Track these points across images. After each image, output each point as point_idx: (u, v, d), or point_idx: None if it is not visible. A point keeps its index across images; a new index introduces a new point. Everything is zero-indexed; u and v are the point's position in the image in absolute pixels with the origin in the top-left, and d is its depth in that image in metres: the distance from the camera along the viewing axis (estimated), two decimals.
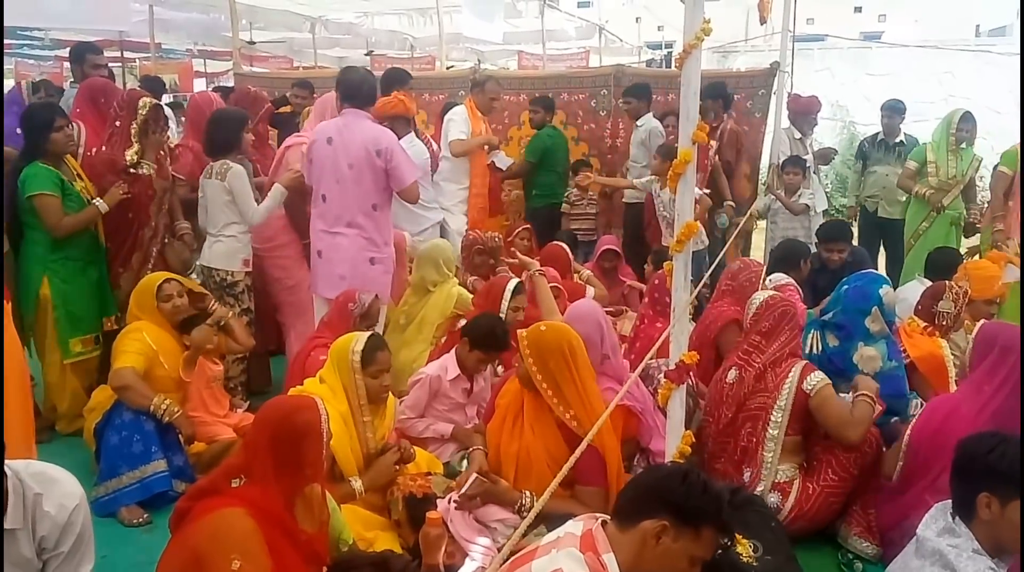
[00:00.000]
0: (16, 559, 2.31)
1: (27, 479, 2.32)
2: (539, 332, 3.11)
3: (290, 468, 2.39)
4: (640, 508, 1.90)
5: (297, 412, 2.47)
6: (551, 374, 3.02)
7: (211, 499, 2.34)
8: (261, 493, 2.33)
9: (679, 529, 1.86)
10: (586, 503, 2.89)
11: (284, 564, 2.30)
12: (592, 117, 7.07)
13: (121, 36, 11.39)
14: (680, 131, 2.56)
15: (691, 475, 1.90)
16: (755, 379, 3.35)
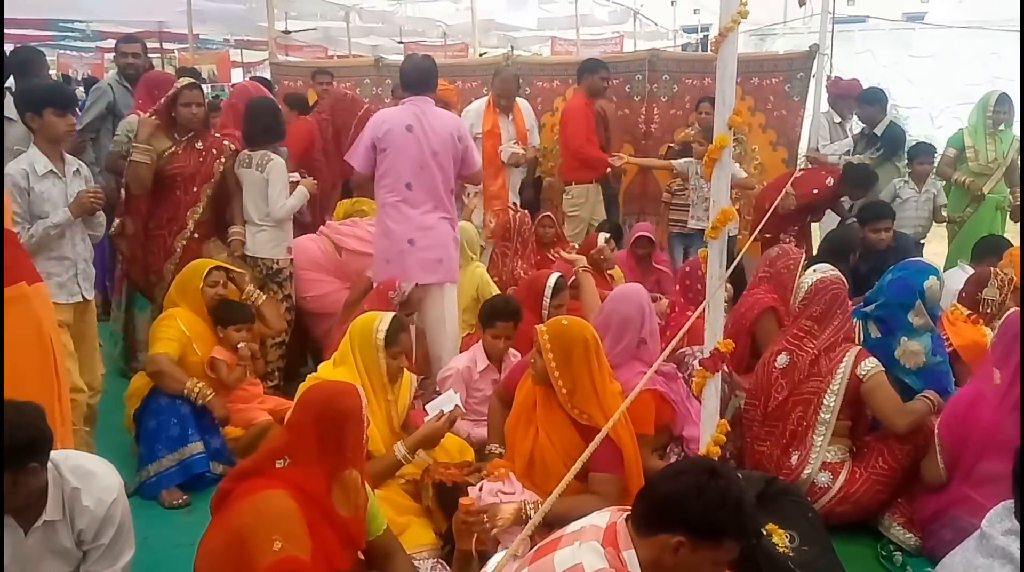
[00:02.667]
0: (57, 549, 2.36)
1: (66, 472, 2.36)
2: (561, 325, 3.04)
3: (332, 451, 2.42)
4: (656, 521, 1.85)
5: (340, 397, 2.50)
6: (570, 369, 2.93)
7: (254, 480, 2.37)
8: (303, 475, 2.36)
9: (697, 543, 1.81)
10: (599, 491, 2.85)
11: (323, 546, 2.32)
12: (626, 102, 6.98)
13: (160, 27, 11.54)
14: (716, 116, 2.52)
15: (706, 489, 1.81)
16: (809, 364, 3.34)
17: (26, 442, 2.19)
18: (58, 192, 3.51)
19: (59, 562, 2.38)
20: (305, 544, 2.25)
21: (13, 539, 2.31)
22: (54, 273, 3.48)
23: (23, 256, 2.93)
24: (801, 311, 3.48)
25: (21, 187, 3.42)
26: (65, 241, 3.55)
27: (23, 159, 3.48)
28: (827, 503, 3.22)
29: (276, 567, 2.16)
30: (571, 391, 2.94)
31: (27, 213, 3.42)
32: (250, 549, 2.21)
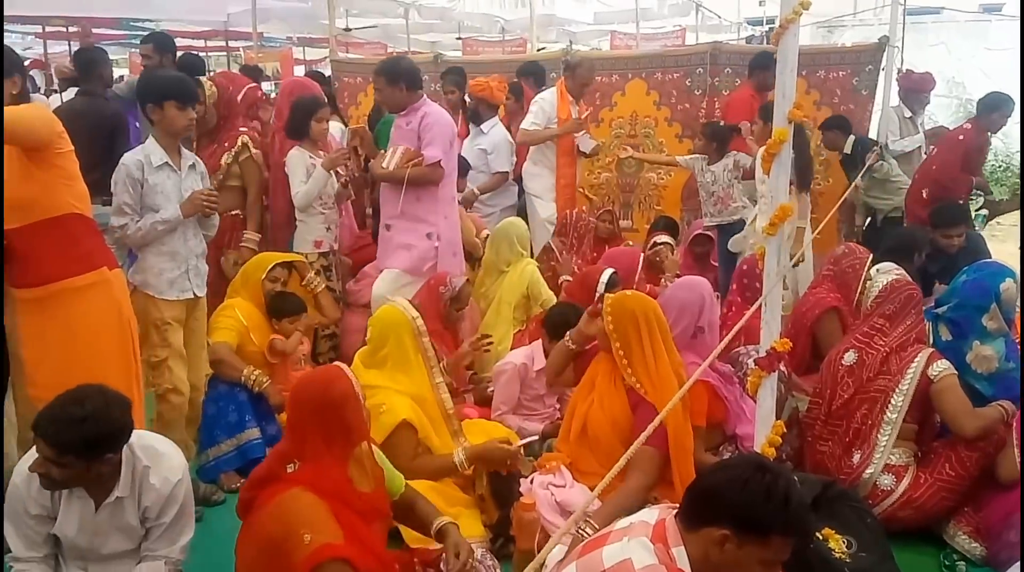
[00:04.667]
0: (122, 525, 2.45)
1: (138, 451, 2.46)
2: (623, 296, 3.18)
3: (339, 437, 2.43)
4: (701, 514, 1.82)
5: (331, 385, 2.48)
6: (626, 338, 3.05)
7: (271, 486, 2.39)
8: (316, 472, 2.37)
9: (742, 538, 1.77)
10: (642, 466, 2.86)
11: (352, 531, 2.34)
12: (686, 97, 6.89)
13: (225, 26, 11.79)
14: (775, 110, 2.46)
15: (752, 481, 1.77)
16: (879, 362, 3.28)
17: (107, 436, 2.28)
18: (172, 185, 3.39)
19: (123, 538, 2.47)
20: (333, 529, 2.27)
21: (84, 511, 2.41)
22: (165, 269, 3.40)
23: (101, 242, 3.02)
24: (873, 309, 3.43)
25: (134, 178, 3.30)
26: (176, 237, 3.42)
27: (139, 150, 3.39)
28: (889, 507, 3.13)
29: (312, 558, 2.19)
30: (627, 356, 3.05)
31: (137, 204, 3.32)
32: (285, 552, 2.25)
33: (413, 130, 4.38)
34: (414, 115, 4.40)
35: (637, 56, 7.64)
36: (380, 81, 4.40)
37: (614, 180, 7.12)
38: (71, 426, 2.21)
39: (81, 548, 2.45)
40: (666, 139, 6.94)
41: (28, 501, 2.39)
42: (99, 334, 2.88)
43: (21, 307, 2.85)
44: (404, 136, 4.42)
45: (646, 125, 7.05)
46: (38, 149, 2.68)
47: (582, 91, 5.96)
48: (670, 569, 1.77)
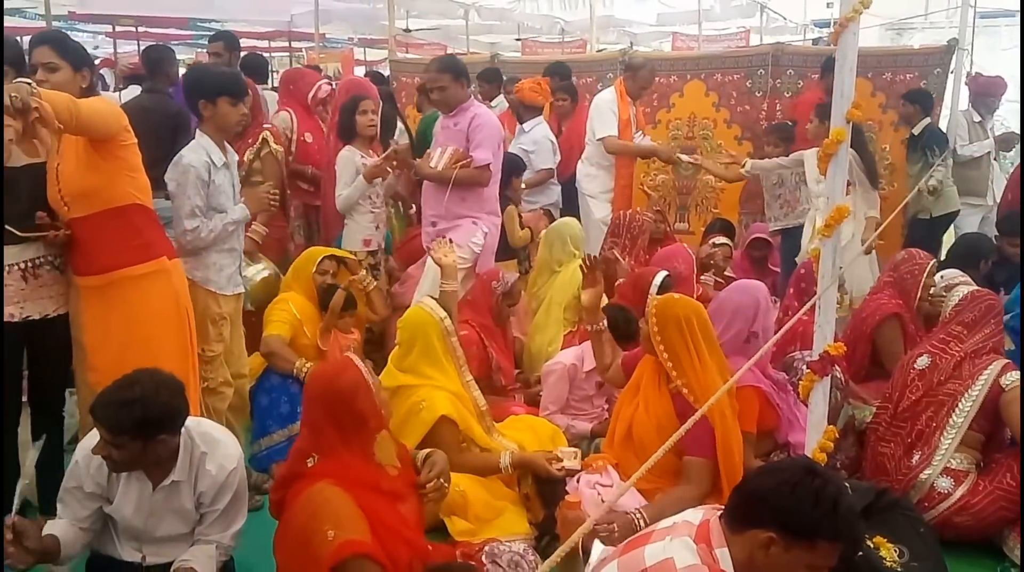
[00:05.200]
0: (178, 508, 2.51)
1: (196, 437, 2.53)
2: (670, 299, 3.15)
3: (354, 428, 2.44)
4: (748, 516, 1.79)
5: (339, 376, 2.50)
6: (671, 342, 3.02)
7: (297, 484, 2.42)
8: (337, 463, 2.40)
9: (789, 541, 1.74)
10: (693, 476, 2.85)
11: (379, 516, 2.36)
12: (747, 98, 6.79)
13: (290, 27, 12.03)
14: (833, 109, 2.41)
15: (801, 485, 1.74)
16: (952, 367, 3.23)
17: (161, 416, 2.34)
18: (228, 183, 3.41)
19: (178, 521, 2.53)
20: (356, 524, 2.29)
21: (141, 493, 2.48)
22: (224, 265, 3.43)
23: (162, 232, 3.09)
24: (952, 317, 3.40)
25: (204, 179, 3.27)
26: (234, 233, 3.46)
27: (198, 150, 3.30)
28: (945, 511, 3.06)
29: (335, 556, 2.22)
30: (672, 359, 3.02)
31: (206, 205, 3.30)
32: (312, 548, 2.28)
33: (462, 131, 4.34)
34: (463, 116, 4.35)
35: (696, 56, 7.56)
36: (445, 78, 4.31)
37: (670, 182, 7.05)
38: (122, 408, 2.28)
39: (136, 529, 2.52)
40: (725, 141, 6.83)
41: (86, 480, 2.47)
42: (157, 322, 2.95)
43: (83, 294, 2.94)
44: (452, 137, 4.38)
45: (704, 127, 6.97)
46: (104, 141, 2.76)
47: (641, 93, 5.93)
48: (712, 570, 1.75)
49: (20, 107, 2.24)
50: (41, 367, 3.07)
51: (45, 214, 2.83)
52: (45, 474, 3.15)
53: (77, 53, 2.95)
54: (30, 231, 2.81)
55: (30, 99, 2.27)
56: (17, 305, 2.86)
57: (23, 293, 2.87)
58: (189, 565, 2.47)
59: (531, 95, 5.98)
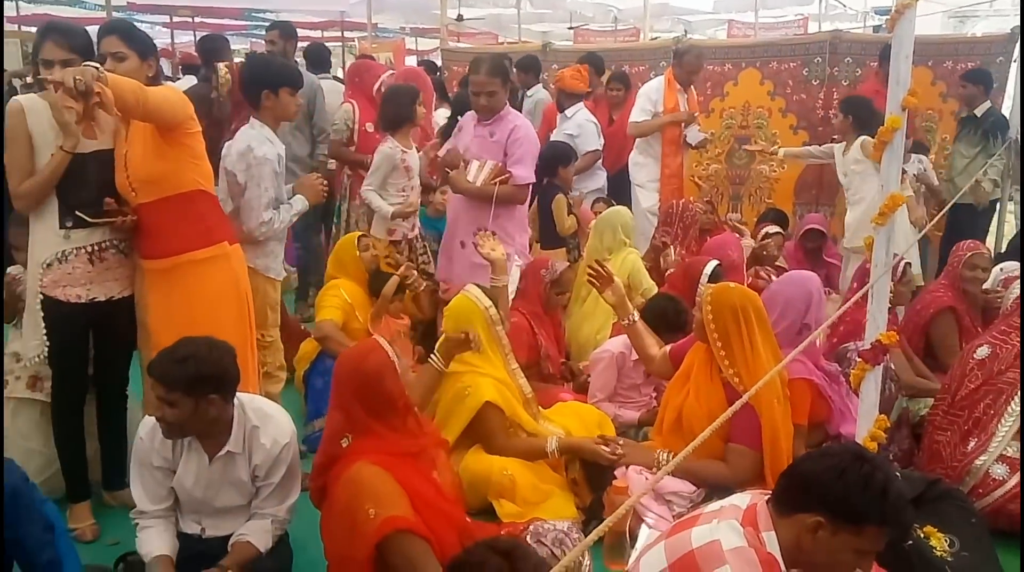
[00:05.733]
0: (234, 479, 2.61)
1: (249, 412, 2.63)
2: (724, 288, 3.12)
3: (382, 408, 2.50)
4: (796, 500, 1.80)
5: (366, 358, 2.56)
6: (725, 331, 2.99)
7: (334, 468, 2.49)
8: (370, 441, 2.47)
9: (836, 526, 1.75)
10: (732, 461, 2.85)
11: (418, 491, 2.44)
12: (803, 87, 6.68)
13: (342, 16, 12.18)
14: (889, 97, 2.38)
15: (850, 471, 1.75)
16: (1013, 357, 3.20)
17: (210, 375, 2.44)
18: (282, 173, 3.45)
19: (235, 492, 2.64)
20: (397, 500, 2.35)
21: (199, 464, 2.58)
22: (275, 252, 3.51)
23: (223, 218, 3.19)
24: (1013, 309, 3.39)
25: (276, 171, 3.33)
26: None
27: (264, 141, 3.33)
28: (999, 498, 3.02)
29: (378, 532, 2.29)
30: (725, 348, 2.99)
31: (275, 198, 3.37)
32: (355, 527, 2.35)
33: (499, 143, 4.04)
34: (500, 125, 4.06)
35: (751, 44, 7.46)
36: (496, 83, 4.00)
37: (723, 172, 7.00)
38: (176, 364, 2.41)
39: (197, 500, 2.62)
40: (780, 131, 6.75)
41: (152, 453, 2.58)
42: (218, 305, 3.05)
43: (148, 277, 3.04)
44: (488, 148, 4.06)
45: (759, 116, 6.89)
46: (171, 129, 2.85)
47: (690, 79, 5.85)
48: (759, 552, 1.76)
49: (83, 90, 2.33)
50: (106, 347, 3.19)
51: (113, 200, 2.93)
52: (109, 452, 3.30)
53: (144, 43, 3.04)
54: (100, 217, 2.92)
55: (94, 83, 2.35)
56: (84, 287, 2.97)
57: (89, 275, 2.97)
58: (246, 539, 2.58)
59: (572, 83, 5.98)
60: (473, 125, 4.18)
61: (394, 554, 2.30)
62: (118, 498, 3.27)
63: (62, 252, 2.92)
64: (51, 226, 2.91)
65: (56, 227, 2.90)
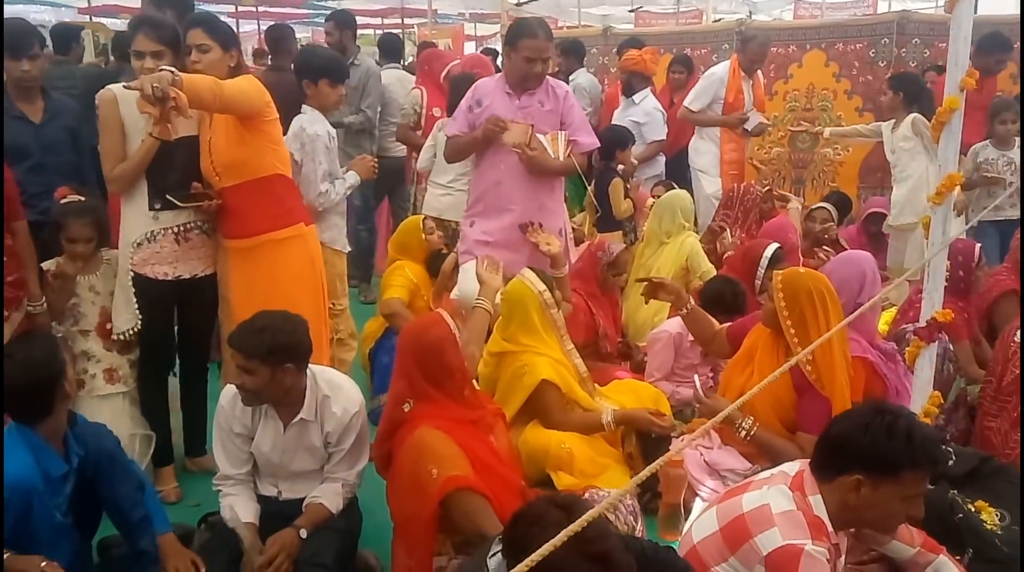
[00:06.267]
0: (308, 445, 2.78)
1: (321, 382, 2.78)
2: (796, 273, 3.12)
3: (442, 377, 2.63)
4: (833, 464, 1.88)
5: (428, 330, 2.69)
6: (800, 316, 2.99)
7: (397, 434, 2.63)
8: (430, 406, 2.60)
9: (875, 479, 1.82)
10: (806, 449, 2.84)
11: (476, 453, 2.56)
12: (869, 68, 6.59)
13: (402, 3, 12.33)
14: (947, 78, 2.40)
15: (873, 425, 1.82)
16: None
17: (286, 345, 2.60)
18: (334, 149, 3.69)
19: (309, 458, 2.80)
20: (458, 461, 2.47)
21: (276, 430, 2.75)
22: (339, 225, 3.78)
23: (300, 200, 3.37)
24: None
25: (328, 147, 3.58)
26: None
27: (315, 121, 3.57)
28: None
29: (441, 491, 2.42)
30: (799, 334, 2.99)
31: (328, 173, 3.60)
32: (419, 488, 2.48)
33: (554, 112, 3.78)
34: (548, 94, 3.77)
35: (817, 25, 7.34)
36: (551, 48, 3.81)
37: (786, 155, 6.95)
38: (254, 334, 2.58)
39: (273, 464, 2.79)
40: (845, 113, 6.68)
41: (232, 420, 2.76)
42: (295, 283, 3.23)
43: (231, 256, 3.23)
44: (543, 119, 3.77)
45: (823, 98, 6.82)
46: (250, 117, 3.02)
47: (753, 67, 5.79)
48: (807, 515, 1.84)
49: (160, 96, 2.53)
50: (190, 322, 3.39)
51: (199, 184, 3.12)
52: (190, 421, 3.52)
53: (226, 34, 3.20)
54: (187, 200, 3.11)
55: (169, 89, 2.54)
56: (171, 265, 3.17)
57: (175, 254, 3.17)
58: (319, 501, 2.73)
59: (651, 65, 6.00)
60: (509, 97, 3.76)
61: (456, 511, 2.43)
62: (199, 464, 3.50)
63: (151, 232, 3.12)
64: (141, 208, 3.11)
65: (146, 209, 3.10)
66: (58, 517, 2.35)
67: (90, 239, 3.19)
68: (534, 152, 3.66)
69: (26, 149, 3.39)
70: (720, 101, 5.69)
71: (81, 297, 3.25)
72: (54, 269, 3.18)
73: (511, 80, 3.75)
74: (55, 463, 2.35)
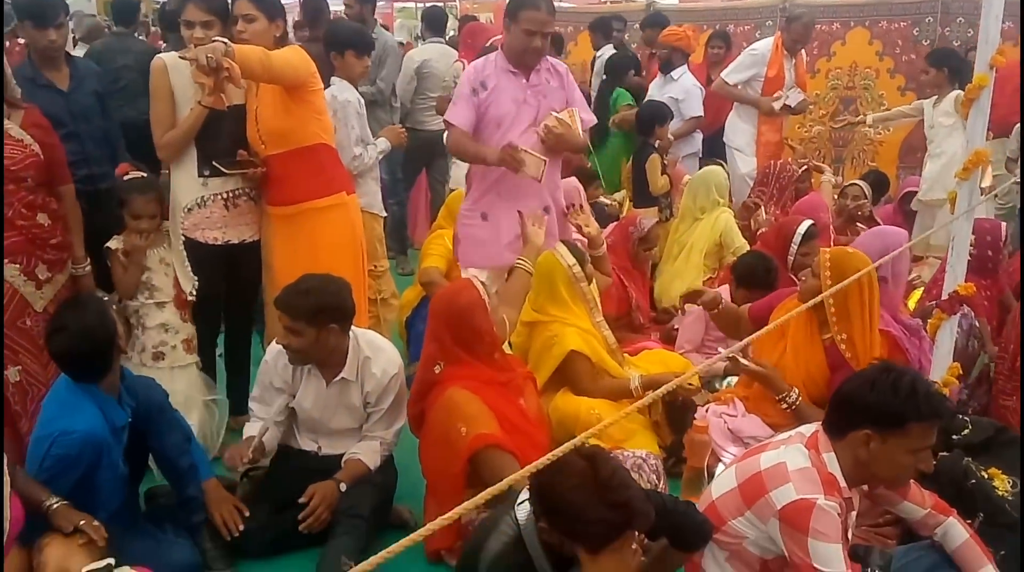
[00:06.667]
0: (348, 404, 2.91)
1: (362, 343, 2.91)
2: (845, 253, 3.12)
3: (471, 342, 2.73)
4: (842, 422, 1.95)
5: (459, 295, 2.79)
6: (844, 294, 2.99)
7: (429, 394, 2.75)
8: (461, 368, 2.71)
9: (884, 433, 1.89)
10: None
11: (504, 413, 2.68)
12: (912, 47, 6.51)
13: None
14: (977, 55, 2.43)
15: (879, 382, 1.90)
16: None
17: (330, 306, 2.73)
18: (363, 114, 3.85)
19: (348, 416, 2.94)
20: (486, 420, 2.59)
21: (318, 388, 2.89)
22: (374, 191, 3.98)
23: (343, 169, 3.49)
24: None
25: (359, 113, 3.75)
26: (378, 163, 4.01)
27: (345, 89, 3.71)
28: None
29: (470, 448, 2.54)
30: (840, 313, 3.01)
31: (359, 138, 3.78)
32: (449, 445, 2.60)
33: (561, 89, 3.56)
34: (553, 71, 3.56)
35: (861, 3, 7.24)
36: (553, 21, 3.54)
37: (826, 134, 6.90)
38: (299, 295, 2.71)
39: (314, 420, 2.94)
40: (887, 92, 6.62)
41: (274, 375, 2.91)
42: (336, 249, 3.34)
43: (274, 223, 3.35)
44: (553, 96, 3.53)
45: (866, 77, 6.76)
46: (296, 87, 3.13)
47: (795, 47, 5.74)
48: (821, 472, 1.93)
49: (214, 66, 2.63)
50: (238, 286, 3.52)
51: (245, 152, 3.23)
52: (234, 381, 3.66)
53: (272, 5, 3.28)
54: (234, 168, 3.22)
55: (223, 60, 2.64)
56: (220, 230, 3.30)
57: (224, 219, 3.29)
58: (357, 457, 2.87)
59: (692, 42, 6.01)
60: (515, 77, 3.46)
61: (484, 467, 2.55)
62: (241, 422, 3.62)
63: (201, 198, 3.24)
64: (191, 174, 3.23)
65: (195, 175, 3.22)
66: (121, 467, 2.51)
67: (154, 215, 3.24)
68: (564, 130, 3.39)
69: (59, 118, 3.41)
70: (761, 78, 5.66)
71: (153, 270, 3.29)
72: (123, 246, 3.22)
73: (512, 57, 3.45)
74: (119, 414, 2.50)
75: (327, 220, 3.32)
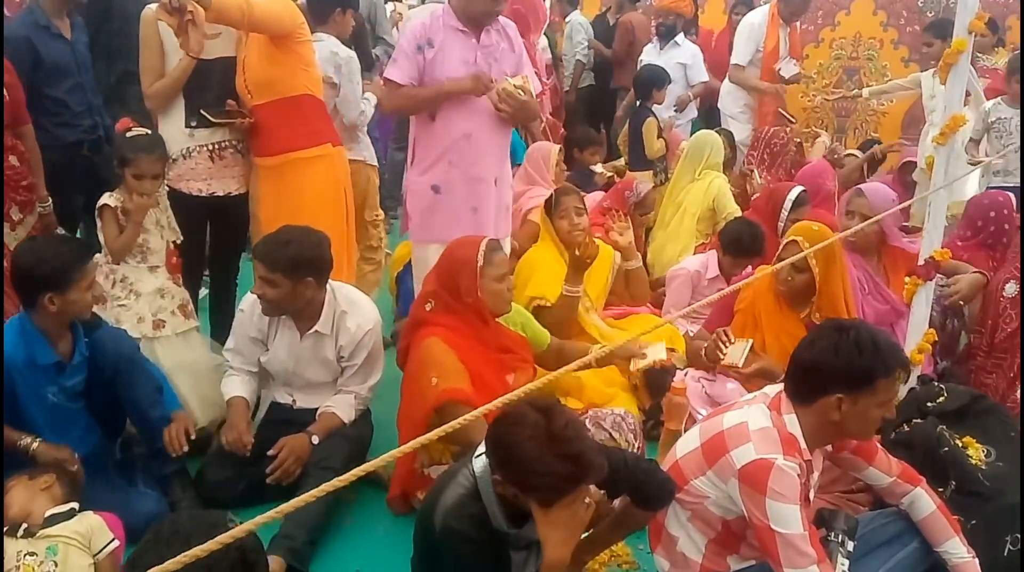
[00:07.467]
0: (322, 358, 2.91)
1: (339, 297, 2.90)
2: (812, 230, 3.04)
3: (453, 292, 2.74)
4: (810, 389, 1.95)
5: (459, 247, 2.81)
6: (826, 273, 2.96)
7: (416, 331, 2.76)
8: (448, 317, 2.72)
9: (854, 394, 1.89)
10: None
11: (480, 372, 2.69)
12: (917, 18, 6.43)
13: None
14: (956, 20, 2.38)
15: (841, 345, 1.90)
16: None
17: (308, 258, 2.72)
18: None
19: (322, 370, 2.93)
20: (458, 375, 2.60)
21: (291, 340, 2.88)
22: (367, 142, 4.03)
23: (329, 122, 3.45)
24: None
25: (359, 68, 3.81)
26: None
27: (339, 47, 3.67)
28: None
29: (438, 399, 2.56)
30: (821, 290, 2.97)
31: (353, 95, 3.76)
32: (420, 391, 2.62)
33: (511, 50, 3.27)
34: (503, 32, 3.26)
35: None
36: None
37: (829, 104, 6.83)
38: (278, 247, 2.70)
39: (288, 372, 2.93)
40: (890, 63, 6.55)
41: (249, 326, 2.90)
42: (321, 200, 3.32)
43: (260, 174, 3.33)
44: (506, 58, 3.24)
45: (869, 47, 6.68)
46: (282, 37, 3.09)
47: (792, 19, 5.68)
48: (781, 432, 1.93)
49: (176, 7, 2.59)
50: (221, 238, 3.52)
51: (234, 103, 3.21)
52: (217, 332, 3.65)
53: None
54: (221, 118, 3.19)
55: (187, 2, 2.60)
56: (204, 181, 3.28)
57: (210, 171, 3.27)
58: (331, 410, 2.87)
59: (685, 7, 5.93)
60: (465, 36, 3.16)
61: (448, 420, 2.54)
62: None
63: (187, 149, 3.22)
64: (178, 125, 3.21)
65: (182, 126, 3.20)
66: (50, 399, 2.49)
67: (157, 175, 3.04)
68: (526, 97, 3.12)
69: (67, 68, 3.42)
70: (760, 51, 5.59)
71: (149, 231, 3.09)
72: (123, 205, 3.01)
73: (465, 16, 3.13)
74: (44, 352, 2.46)
75: (311, 171, 3.30)
